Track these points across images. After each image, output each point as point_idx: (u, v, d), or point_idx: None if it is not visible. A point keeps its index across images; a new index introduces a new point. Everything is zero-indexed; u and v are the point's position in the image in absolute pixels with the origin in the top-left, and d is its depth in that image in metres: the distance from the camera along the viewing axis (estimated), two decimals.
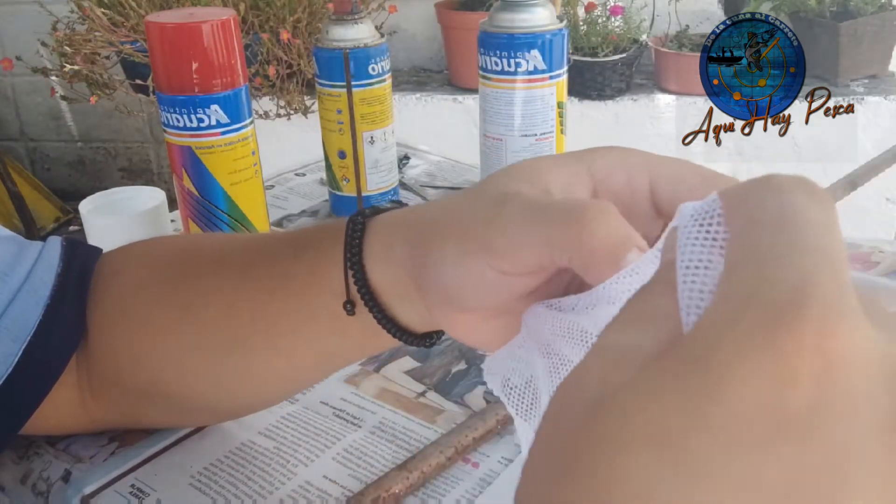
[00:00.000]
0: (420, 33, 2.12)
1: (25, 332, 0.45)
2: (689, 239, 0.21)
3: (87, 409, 0.48)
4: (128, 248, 0.50)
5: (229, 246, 0.46)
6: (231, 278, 0.43)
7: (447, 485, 0.46)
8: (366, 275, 0.37)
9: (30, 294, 0.46)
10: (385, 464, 0.48)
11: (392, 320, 0.38)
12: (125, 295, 0.47)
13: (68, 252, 0.48)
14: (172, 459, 0.49)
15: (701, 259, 0.21)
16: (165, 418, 0.51)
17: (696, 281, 0.20)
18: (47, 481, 0.49)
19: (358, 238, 0.38)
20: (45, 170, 2.61)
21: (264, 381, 0.45)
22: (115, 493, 0.47)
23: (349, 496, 0.45)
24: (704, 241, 0.21)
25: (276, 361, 0.43)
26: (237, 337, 0.43)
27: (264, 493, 0.46)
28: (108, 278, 0.48)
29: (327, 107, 0.80)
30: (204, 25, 0.62)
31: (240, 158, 0.66)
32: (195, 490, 0.47)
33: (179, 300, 0.45)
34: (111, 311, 0.47)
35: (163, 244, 0.50)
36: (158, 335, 0.45)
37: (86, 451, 0.50)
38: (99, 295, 0.47)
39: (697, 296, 0.20)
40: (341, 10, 0.78)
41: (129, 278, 0.48)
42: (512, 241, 0.31)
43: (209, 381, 0.45)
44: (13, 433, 0.47)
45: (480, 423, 0.49)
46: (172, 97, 0.63)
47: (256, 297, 0.42)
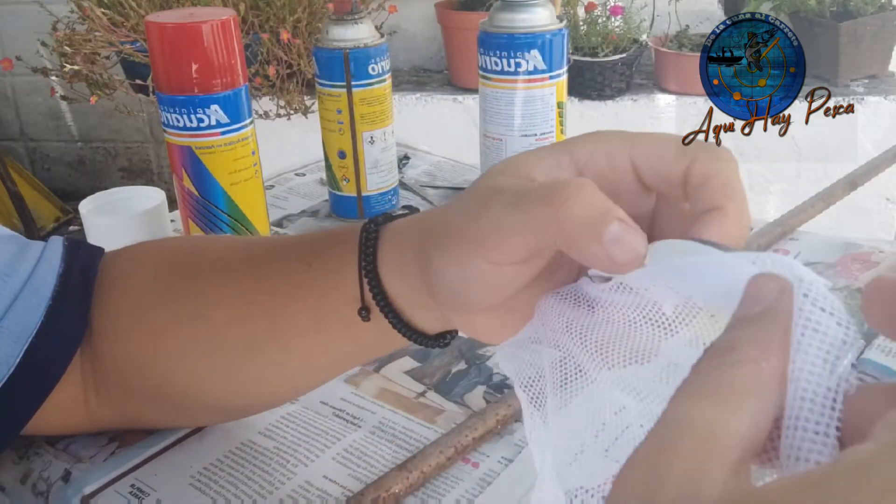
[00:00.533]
0: (420, 33, 2.12)
1: (27, 333, 0.45)
2: (805, 328, 0.22)
3: (91, 408, 0.48)
4: (132, 250, 0.50)
5: (237, 250, 0.47)
6: (241, 284, 0.44)
7: (447, 485, 0.46)
8: (381, 282, 0.38)
9: (32, 294, 0.46)
10: (385, 464, 0.48)
11: (408, 325, 0.39)
12: (130, 298, 0.47)
13: (70, 252, 0.48)
14: (172, 459, 0.49)
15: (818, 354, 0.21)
16: (172, 419, 0.51)
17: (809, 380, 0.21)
18: (47, 481, 0.49)
19: (372, 245, 0.38)
20: (45, 170, 2.61)
21: (277, 383, 0.46)
22: (115, 492, 0.47)
23: (349, 496, 0.45)
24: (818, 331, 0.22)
25: (289, 365, 0.44)
26: (250, 342, 0.43)
27: (264, 493, 0.46)
28: (113, 281, 0.48)
29: (327, 107, 0.80)
30: (204, 25, 0.62)
31: (240, 158, 0.66)
32: (195, 490, 0.47)
33: (187, 305, 0.45)
34: (117, 315, 0.47)
35: (167, 246, 0.50)
36: (166, 339, 0.45)
37: (86, 450, 0.50)
38: (104, 297, 0.47)
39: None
40: (341, 10, 0.78)
41: (135, 281, 0.48)
42: (498, 229, 0.31)
43: (219, 384, 0.45)
44: (15, 433, 0.47)
45: (480, 423, 0.49)
46: (172, 97, 0.63)
47: (270, 305, 0.42)
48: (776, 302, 0.23)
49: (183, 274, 0.46)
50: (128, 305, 0.47)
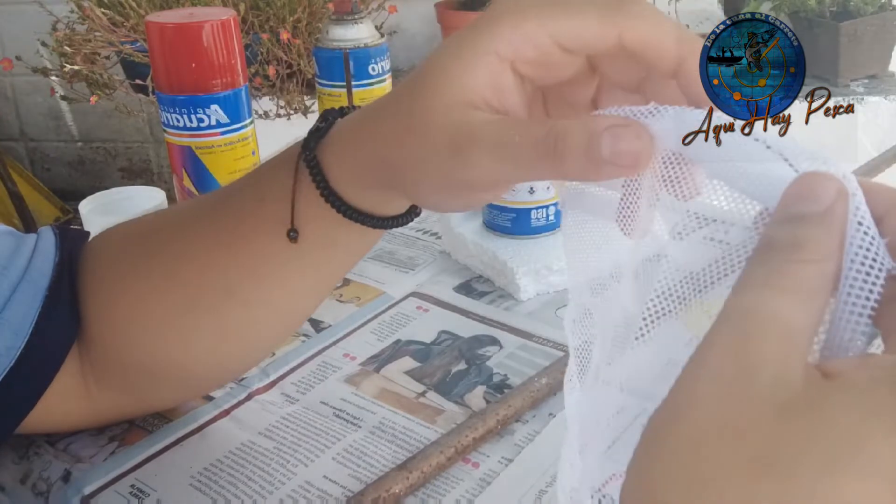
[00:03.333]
0: (420, 33, 2.12)
1: (27, 325, 0.45)
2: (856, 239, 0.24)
3: (92, 397, 0.48)
4: (105, 232, 0.51)
5: (192, 206, 0.48)
6: (203, 235, 0.44)
7: (447, 485, 0.46)
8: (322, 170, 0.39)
9: (29, 286, 0.46)
10: (385, 464, 0.48)
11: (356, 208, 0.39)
12: (106, 272, 0.48)
13: (61, 240, 0.49)
14: (172, 459, 0.49)
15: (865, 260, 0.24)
16: (172, 393, 0.51)
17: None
18: (47, 481, 0.49)
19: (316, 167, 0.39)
20: (45, 170, 2.61)
21: (266, 323, 0.46)
22: (115, 493, 0.47)
23: (349, 496, 0.45)
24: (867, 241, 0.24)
25: (272, 298, 0.44)
26: (227, 287, 0.44)
27: (264, 493, 0.46)
28: (91, 262, 0.49)
29: (327, 107, 0.80)
30: (204, 25, 0.62)
31: (240, 158, 0.66)
32: (195, 490, 0.47)
33: (158, 267, 0.46)
34: (99, 292, 0.47)
35: (135, 222, 0.51)
36: (146, 304, 0.46)
37: (85, 450, 0.50)
38: (87, 279, 0.48)
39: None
40: (341, 10, 0.78)
41: (109, 257, 0.48)
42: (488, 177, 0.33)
43: (209, 338, 0.46)
44: (16, 424, 0.47)
45: (480, 423, 0.49)
46: (172, 97, 0.63)
47: (235, 246, 0.43)
48: (835, 205, 0.24)
49: (148, 239, 0.47)
50: (105, 281, 0.48)
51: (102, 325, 0.47)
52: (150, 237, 0.47)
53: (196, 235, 0.45)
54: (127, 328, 0.47)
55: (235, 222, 0.43)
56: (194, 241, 0.45)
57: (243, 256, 0.43)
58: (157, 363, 0.47)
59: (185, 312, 0.45)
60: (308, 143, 0.40)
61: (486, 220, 0.72)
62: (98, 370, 0.48)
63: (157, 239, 0.47)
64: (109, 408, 0.50)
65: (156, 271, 0.46)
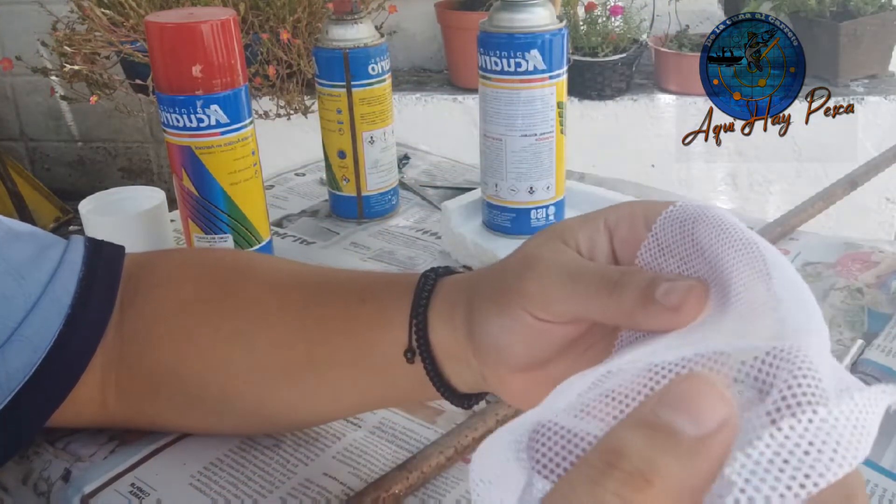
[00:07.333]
0: (420, 33, 2.12)
1: (46, 342, 0.44)
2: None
3: (107, 407, 0.48)
4: (170, 257, 0.50)
5: (285, 275, 0.47)
6: (288, 309, 0.44)
7: (447, 485, 0.46)
8: (427, 327, 0.39)
9: (52, 302, 0.45)
10: (385, 464, 0.48)
11: (441, 375, 0.40)
12: (169, 307, 0.47)
13: (93, 254, 0.48)
14: (172, 459, 0.49)
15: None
16: (190, 424, 0.50)
17: None
18: (48, 481, 0.49)
19: (427, 292, 0.40)
20: (45, 170, 2.61)
21: (304, 410, 0.46)
22: (115, 491, 0.47)
23: (350, 494, 0.45)
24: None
25: (319, 396, 0.45)
26: (288, 369, 0.44)
27: (264, 492, 0.46)
28: (148, 290, 0.48)
29: (327, 107, 0.80)
30: (204, 25, 0.62)
31: (240, 158, 0.66)
32: (195, 490, 0.47)
33: (230, 322, 0.45)
34: (154, 322, 0.47)
35: (208, 258, 0.50)
36: (205, 353, 0.45)
37: (85, 449, 0.50)
38: (140, 302, 0.47)
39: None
40: (341, 9, 0.78)
41: (175, 291, 0.48)
42: (545, 290, 0.33)
43: (248, 404, 0.46)
44: (30, 438, 0.47)
45: (480, 423, 0.49)
46: (172, 97, 0.63)
47: (315, 334, 0.43)
48: (716, 436, 0.19)
49: (226, 289, 0.47)
50: (165, 314, 0.47)
51: (148, 354, 0.46)
52: (226, 286, 0.47)
53: (280, 307, 0.45)
54: (176, 366, 0.46)
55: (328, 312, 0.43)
56: (276, 311, 0.45)
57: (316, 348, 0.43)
58: (190, 402, 0.47)
59: (237, 375, 0.45)
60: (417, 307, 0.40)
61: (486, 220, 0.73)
62: (123, 387, 0.47)
63: (236, 290, 0.46)
64: (123, 418, 0.49)
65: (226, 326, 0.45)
